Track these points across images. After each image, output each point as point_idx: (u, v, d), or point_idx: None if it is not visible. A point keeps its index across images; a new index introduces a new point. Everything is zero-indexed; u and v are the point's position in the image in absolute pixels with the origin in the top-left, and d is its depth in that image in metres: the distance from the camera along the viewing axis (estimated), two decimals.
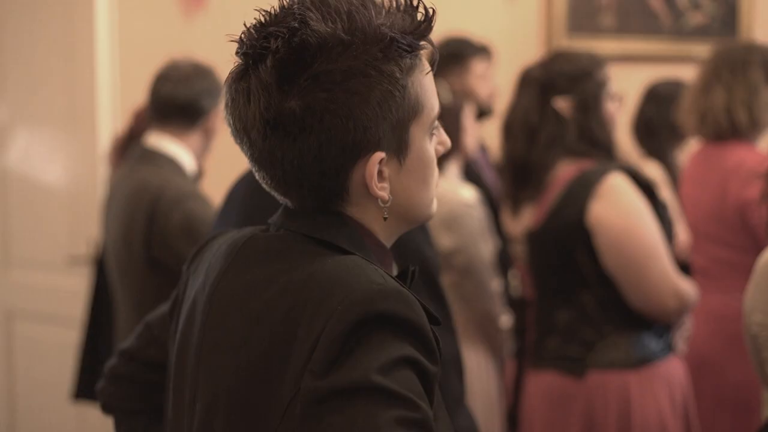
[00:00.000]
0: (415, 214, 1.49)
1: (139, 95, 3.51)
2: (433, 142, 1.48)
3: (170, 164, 3.35)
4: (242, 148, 1.44)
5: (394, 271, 1.52)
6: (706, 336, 3.46)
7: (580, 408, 2.95)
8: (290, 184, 1.41)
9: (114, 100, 4.34)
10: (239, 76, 1.40)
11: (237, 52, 1.40)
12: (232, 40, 1.42)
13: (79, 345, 3.71)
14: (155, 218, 3.19)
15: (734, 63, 3.61)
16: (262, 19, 1.40)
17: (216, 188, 3.16)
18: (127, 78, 4.28)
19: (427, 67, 1.44)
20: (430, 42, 1.45)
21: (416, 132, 1.43)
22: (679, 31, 5.48)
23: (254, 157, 1.42)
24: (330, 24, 1.35)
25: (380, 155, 1.38)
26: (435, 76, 1.47)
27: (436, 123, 1.48)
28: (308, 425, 1.24)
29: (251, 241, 1.48)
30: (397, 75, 1.37)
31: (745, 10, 5.55)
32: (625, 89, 3.24)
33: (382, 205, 1.42)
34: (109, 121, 4.31)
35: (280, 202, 1.49)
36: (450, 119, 3.62)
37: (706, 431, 3.41)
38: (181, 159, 3.38)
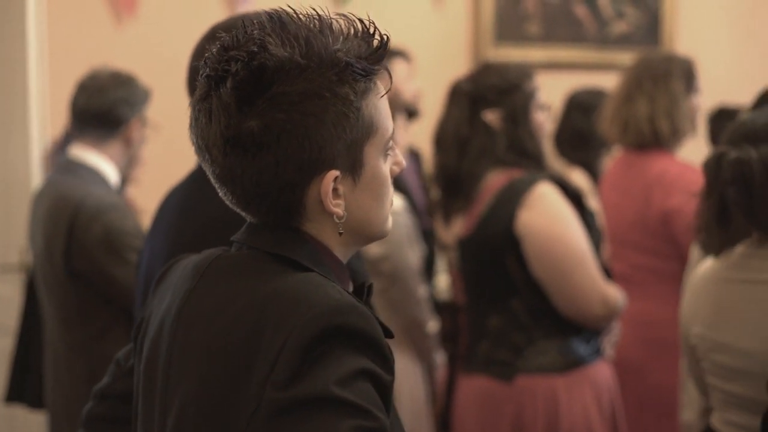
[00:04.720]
0: (371, 231, 1.54)
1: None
2: (388, 162, 1.53)
3: (92, 175, 3.32)
4: (204, 166, 1.49)
5: (350, 287, 1.57)
6: (628, 341, 3.50)
7: (509, 412, 3.00)
8: (250, 200, 1.47)
9: (44, 107, 4.31)
10: (202, 96, 1.45)
11: (200, 74, 1.46)
12: (195, 64, 1.46)
13: (11, 351, 3.70)
14: (75, 231, 3.17)
15: (656, 73, 3.68)
16: (225, 44, 1.45)
17: (150, 197, 3.17)
18: (58, 85, 4.25)
19: (381, 90, 1.49)
20: (385, 67, 1.51)
21: (370, 152, 1.48)
22: (604, 40, 5.58)
23: (216, 174, 1.47)
24: (288, 49, 1.41)
25: (335, 173, 1.44)
26: None
27: (391, 144, 1.53)
28: None
29: (216, 261, 1.53)
30: (351, 97, 1.43)
31: (668, 20, 5.67)
32: (551, 97, 3.30)
33: (337, 221, 1.47)
34: (41, 128, 4.28)
35: (244, 217, 1.54)
36: None
37: None
38: (103, 170, 3.35)
